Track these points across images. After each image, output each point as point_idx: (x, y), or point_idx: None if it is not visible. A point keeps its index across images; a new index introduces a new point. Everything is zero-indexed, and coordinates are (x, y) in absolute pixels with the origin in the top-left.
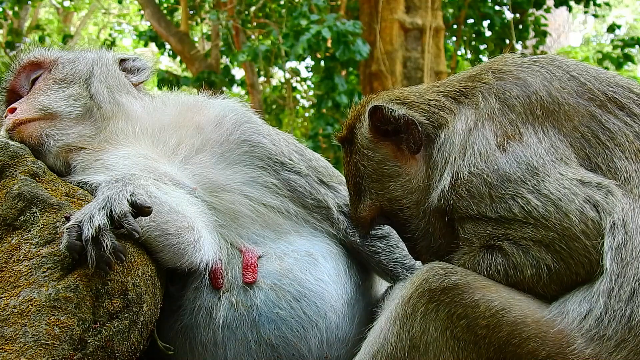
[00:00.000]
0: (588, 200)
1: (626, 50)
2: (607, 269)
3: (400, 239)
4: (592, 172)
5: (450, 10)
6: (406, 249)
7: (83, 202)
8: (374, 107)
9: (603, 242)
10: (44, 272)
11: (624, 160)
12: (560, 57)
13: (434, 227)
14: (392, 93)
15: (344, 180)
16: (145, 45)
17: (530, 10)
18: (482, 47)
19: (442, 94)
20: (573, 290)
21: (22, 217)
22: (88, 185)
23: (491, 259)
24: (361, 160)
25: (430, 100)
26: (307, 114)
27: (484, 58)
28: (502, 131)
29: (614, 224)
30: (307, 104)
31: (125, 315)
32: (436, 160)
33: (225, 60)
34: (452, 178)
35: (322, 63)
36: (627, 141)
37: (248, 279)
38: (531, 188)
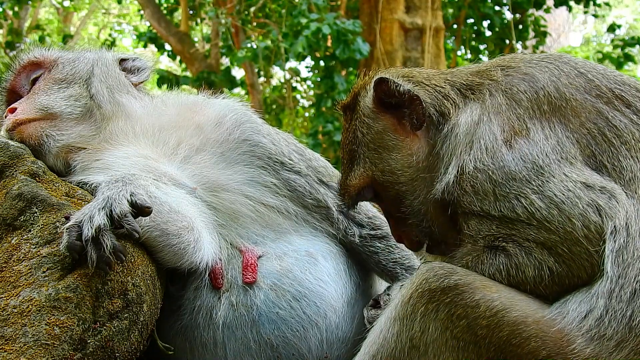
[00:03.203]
0: (591, 205)
1: (626, 50)
2: (607, 272)
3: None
4: (597, 172)
5: (450, 10)
6: (406, 250)
7: (83, 202)
8: (380, 79)
9: (604, 246)
10: (44, 272)
11: (629, 159)
12: (568, 54)
13: (433, 216)
14: (400, 70)
15: None
16: (145, 46)
17: (530, 11)
18: (482, 47)
19: (449, 83)
20: (574, 291)
21: (22, 217)
22: (88, 185)
23: (494, 259)
24: (360, 128)
25: (436, 85)
26: (307, 114)
27: (484, 58)
28: (510, 126)
29: (615, 228)
30: (307, 103)
31: (125, 315)
32: (440, 152)
33: (225, 61)
34: (458, 172)
35: (322, 62)
36: (634, 139)
37: (248, 278)
38: (535, 188)
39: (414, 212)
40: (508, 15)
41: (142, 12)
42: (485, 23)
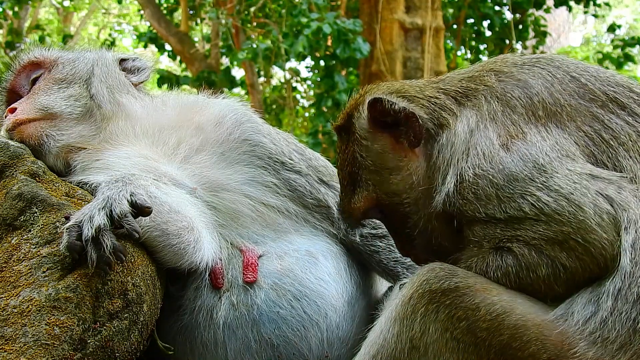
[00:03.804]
0: (601, 194)
1: (626, 50)
2: (622, 267)
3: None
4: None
5: (450, 10)
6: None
7: (83, 202)
8: (374, 100)
9: (620, 239)
10: (44, 272)
11: (628, 159)
12: (560, 57)
13: (437, 230)
14: (392, 85)
15: None
16: (145, 46)
17: (530, 11)
18: (482, 47)
19: (443, 92)
20: (581, 291)
21: (22, 217)
22: (88, 185)
23: (501, 261)
24: (359, 151)
25: (430, 97)
26: (306, 114)
27: (484, 58)
28: (505, 131)
29: (629, 220)
30: (307, 103)
31: (125, 315)
32: (437, 162)
33: (225, 61)
34: (457, 181)
35: (322, 62)
36: (631, 140)
37: (248, 278)
38: (540, 185)
39: (421, 231)
40: (508, 15)
41: (142, 12)
42: (485, 23)
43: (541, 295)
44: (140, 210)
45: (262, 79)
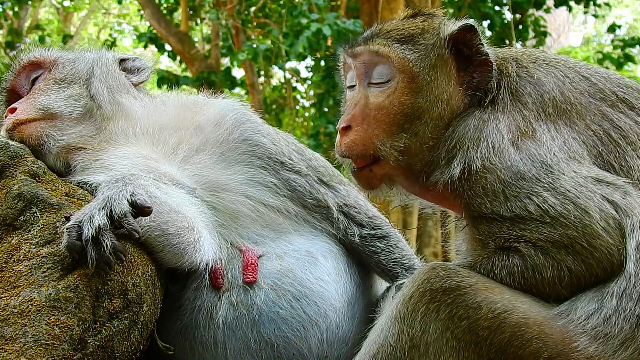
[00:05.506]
0: (606, 199)
1: (626, 50)
2: (627, 270)
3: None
4: (606, 171)
5: (451, 10)
6: (406, 249)
7: (83, 202)
8: (470, 26)
9: (626, 244)
10: (44, 272)
11: (636, 159)
12: (574, 60)
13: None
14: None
15: (344, 179)
16: (145, 47)
17: (530, 11)
18: None
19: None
20: (586, 290)
21: (22, 217)
22: (88, 185)
23: (507, 261)
24: (431, 34)
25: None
26: (307, 114)
27: None
28: (516, 126)
29: (633, 225)
30: (307, 103)
31: (125, 315)
32: (446, 134)
33: (225, 61)
34: (464, 169)
35: (323, 62)
36: (639, 140)
37: (248, 278)
38: (547, 186)
39: (408, 146)
40: (508, 15)
41: (142, 12)
42: (485, 23)
43: (545, 296)
44: (140, 210)
45: (262, 79)
